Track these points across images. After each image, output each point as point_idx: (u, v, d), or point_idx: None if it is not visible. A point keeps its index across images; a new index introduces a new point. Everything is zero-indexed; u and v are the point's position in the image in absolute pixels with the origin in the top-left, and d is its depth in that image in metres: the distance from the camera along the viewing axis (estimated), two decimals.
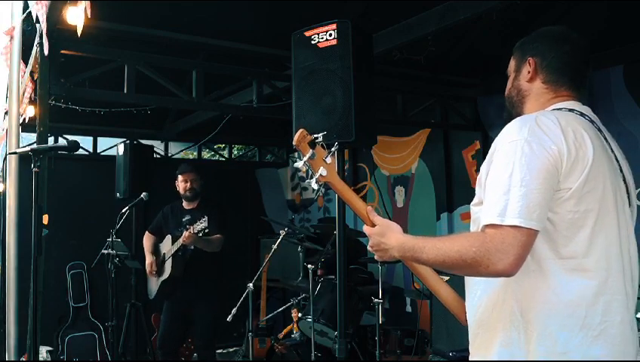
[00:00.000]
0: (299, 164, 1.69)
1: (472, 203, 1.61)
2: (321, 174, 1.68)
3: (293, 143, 1.68)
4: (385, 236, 1.62)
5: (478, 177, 1.58)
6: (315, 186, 1.70)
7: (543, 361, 1.43)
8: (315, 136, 1.70)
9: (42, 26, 3.07)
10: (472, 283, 1.63)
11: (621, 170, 1.59)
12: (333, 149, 1.75)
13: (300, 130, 1.68)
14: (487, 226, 1.41)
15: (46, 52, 3.27)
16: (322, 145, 1.71)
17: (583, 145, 1.46)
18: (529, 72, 1.69)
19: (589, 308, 1.43)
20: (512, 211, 1.38)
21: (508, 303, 1.49)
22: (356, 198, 1.74)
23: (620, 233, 1.52)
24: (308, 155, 1.67)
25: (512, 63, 1.77)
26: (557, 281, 1.44)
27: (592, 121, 1.59)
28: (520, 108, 1.72)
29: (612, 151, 1.59)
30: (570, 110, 1.59)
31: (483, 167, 1.55)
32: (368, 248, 1.71)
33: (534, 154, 1.41)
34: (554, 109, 1.61)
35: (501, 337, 1.50)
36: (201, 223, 4.30)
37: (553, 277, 1.45)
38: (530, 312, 1.46)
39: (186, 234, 4.33)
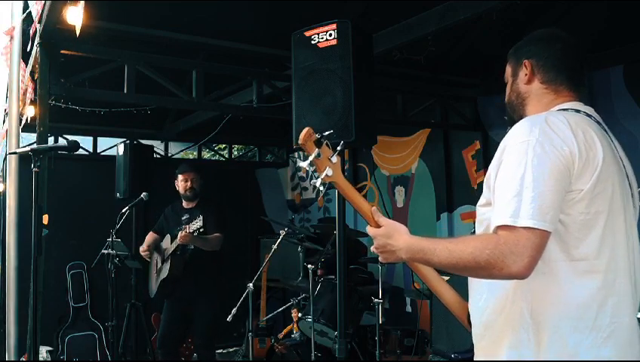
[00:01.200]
0: (305, 164, 1.64)
1: (478, 203, 1.60)
2: (326, 174, 1.64)
3: (299, 142, 1.63)
4: (392, 238, 1.59)
5: (485, 177, 1.57)
6: (320, 187, 1.67)
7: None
8: (321, 134, 1.65)
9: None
10: (477, 285, 1.61)
11: (624, 170, 1.59)
12: (339, 148, 1.70)
13: (307, 129, 1.63)
14: (499, 228, 1.39)
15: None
16: (327, 144, 1.66)
17: (593, 146, 1.46)
18: (526, 75, 1.69)
19: (598, 309, 1.43)
20: (526, 213, 1.36)
21: (517, 305, 1.48)
22: (361, 199, 1.70)
23: (627, 233, 1.52)
24: (314, 154, 1.62)
25: (508, 69, 1.77)
26: (568, 283, 1.44)
27: (598, 122, 1.58)
28: (522, 111, 1.71)
29: (616, 150, 1.59)
30: (577, 111, 1.59)
31: (491, 168, 1.53)
32: (372, 249, 1.67)
33: (546, 155, 1.40)
34: (560, 110, 1.60)
35: (510, 339, 1.49)
36: (196, 222, 4.32)
37: (564, 279, 1.44)
38: (541, 314, 1.45)
39: (181, 233, 4.35)
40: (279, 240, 4.35)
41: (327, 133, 1.68)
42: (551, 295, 1.44)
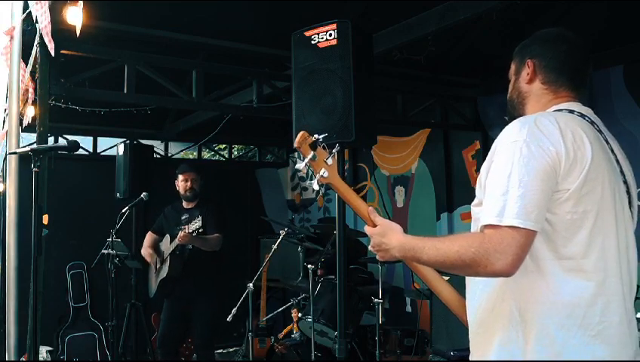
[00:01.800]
0: (300, 166, 1.70)
1: (472, 203, 1.62)
2: (322, 175, 1.70)
3: (295, 145, 1.70)
4: (386, 236, 1.63)
5: (478, 178, 1.59)
6: (316, 187, 1.72)
7: (540, 361, 1.44)
8: (317, 137, 1.71)
9: (42, 26, 3.06)
10: (472, 283, 1.64)
11: (622, 171, 1.60)
12: (334, 150, 1.77)
13: (302, 132, 1.70)
14: (485, 226, 1.43)
15: (52, 52, 3.26)
16: (323, 147, 1.72)
17: (582, 146, 1.47)
18: (528, 74, 1.71)
19: (587, 308, 1.44)
20: (510, 212, 1.39)
21: (507, 303, 1.50)
22: (357, 199, 1.75)
23: (619, 234, 1.52)
24: (309, 157, 1.69)
25: (513, 67, 1.79)
26: (555, 281, 1.45)
27: (592, 123, 1.59)
28: (521, 110, 1.73)
29: (612, 152, 1.60)
30: (570, 111, 1.60)
31: (483, 168, 1.56)
32: (369, 248, 1.72)
33: (533, 156, 1.42)
34: (554, 110, 1.62)
35: (500, 336, 1.51)
36: (196, 223, 4.33)
37: (552, 277, 1.45)
38: (529, 312, 1.47)
39: (181, 233, 4.36)
40: (279, 240, 4.35)
41: (322, 135, 1.73)
42: (538, 292, 1.46)
